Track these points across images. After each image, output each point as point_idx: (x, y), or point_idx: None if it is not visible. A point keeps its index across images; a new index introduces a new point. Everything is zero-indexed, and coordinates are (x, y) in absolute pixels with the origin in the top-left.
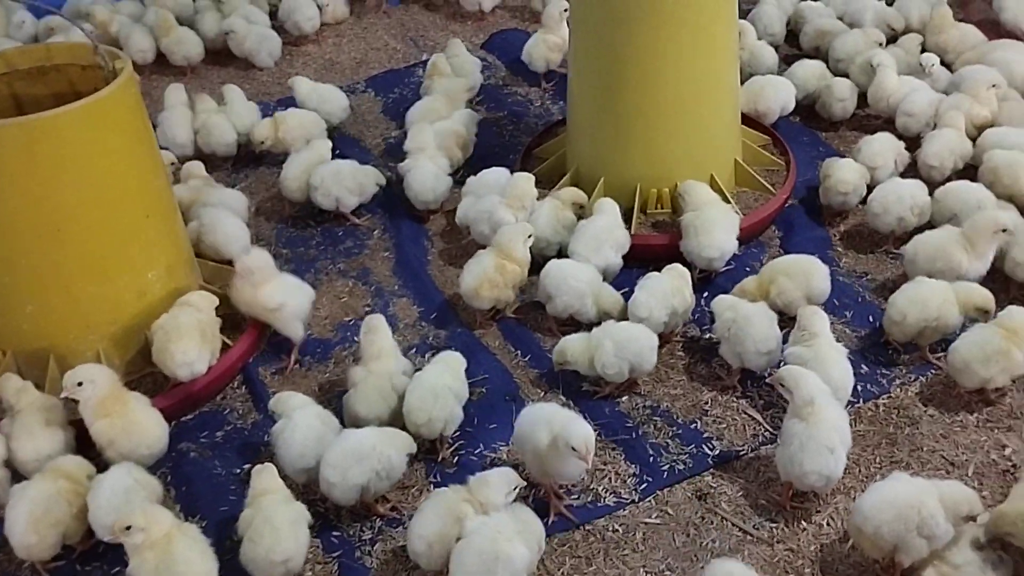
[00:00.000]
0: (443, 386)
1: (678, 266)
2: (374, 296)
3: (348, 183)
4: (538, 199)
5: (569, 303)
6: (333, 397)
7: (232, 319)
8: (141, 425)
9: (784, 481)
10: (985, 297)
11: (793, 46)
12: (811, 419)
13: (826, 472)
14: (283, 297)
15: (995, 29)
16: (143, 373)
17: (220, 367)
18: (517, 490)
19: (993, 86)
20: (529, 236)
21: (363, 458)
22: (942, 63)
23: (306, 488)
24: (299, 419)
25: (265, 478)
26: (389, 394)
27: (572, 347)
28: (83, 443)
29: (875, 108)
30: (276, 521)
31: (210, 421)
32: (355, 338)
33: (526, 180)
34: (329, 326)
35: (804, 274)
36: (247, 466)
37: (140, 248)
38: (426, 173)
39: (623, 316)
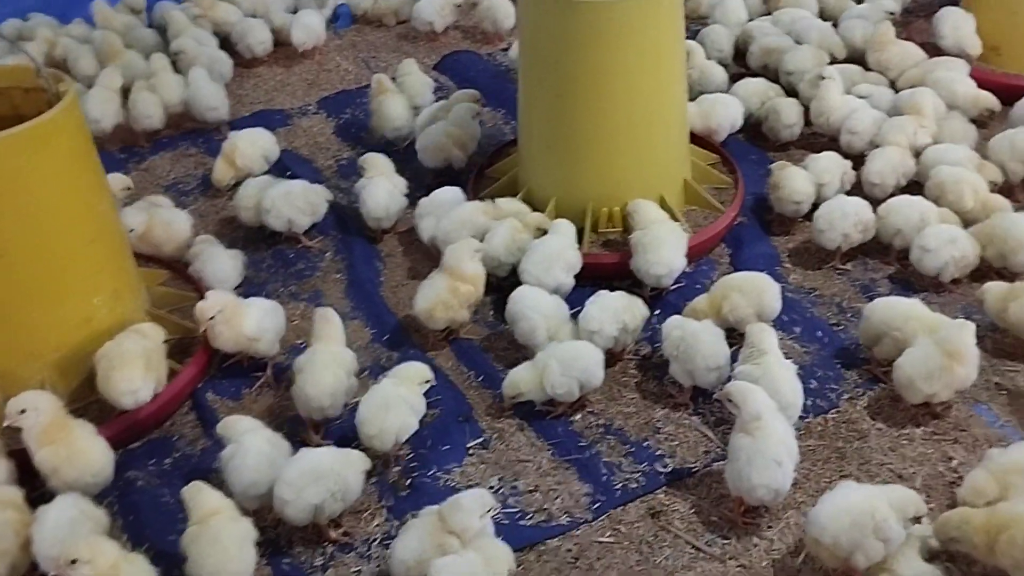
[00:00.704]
0: (396, 396)
1: (632, 292)
2: None
3: (299, 203)
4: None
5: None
6: (283, 421)
7: (180, 343)
8: (86, 453)
9: (735, 496)
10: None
11: (742, 65)
12: (758, 433)
13: (774, 485)
14: (264, 323)
15: (937, 50)
16: (89, 400)
17: (168, 393)
18: (491, 512)
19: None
20: (476, 250)
21: (320, 478)
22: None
23: (256, 513)
24: (249, 443)
25: (206, 497)
26: (336, 369)
27: (522, 378)
28: (26, 473)
29: (816, 124)
30: (224, 541)
31: (158, 448)
32: None
33: (517, 203)
34: (280, 349)
35: (757, 291)
36: None
37: (85, 273)
38: (380, 190)
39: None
